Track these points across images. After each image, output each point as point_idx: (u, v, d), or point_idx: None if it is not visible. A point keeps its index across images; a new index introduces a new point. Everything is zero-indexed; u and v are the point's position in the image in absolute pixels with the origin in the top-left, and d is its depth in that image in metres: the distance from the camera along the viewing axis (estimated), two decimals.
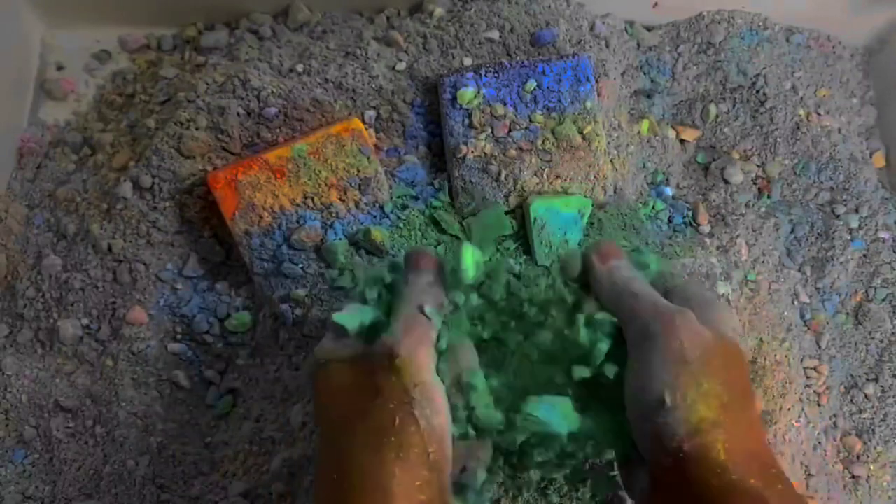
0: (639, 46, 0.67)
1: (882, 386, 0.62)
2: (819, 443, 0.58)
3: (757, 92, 0.66)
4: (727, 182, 0.64)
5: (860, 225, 0.65)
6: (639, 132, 0.64)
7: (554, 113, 0.56)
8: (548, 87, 0.56)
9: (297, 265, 0.54)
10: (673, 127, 0.66)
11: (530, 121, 0.56)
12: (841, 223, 0.65)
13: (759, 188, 0.65)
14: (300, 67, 0.58)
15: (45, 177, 0.62)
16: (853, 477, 0.59)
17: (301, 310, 0.54)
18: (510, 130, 0.56)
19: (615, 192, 0.58)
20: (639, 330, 0.38)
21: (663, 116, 0.66)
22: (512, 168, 0.56)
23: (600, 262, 0.41)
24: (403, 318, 0.39)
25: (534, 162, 0.56)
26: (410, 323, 0.38)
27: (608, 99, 0.60)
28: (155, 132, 0.58)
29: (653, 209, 0.62)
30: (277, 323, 0.56)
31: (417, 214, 0.56)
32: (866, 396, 0.62)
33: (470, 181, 0.56)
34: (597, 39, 0.62)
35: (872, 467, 0.60)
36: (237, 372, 0.57)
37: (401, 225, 0.56)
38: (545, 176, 0.56)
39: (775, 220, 0.64)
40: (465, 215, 0.57)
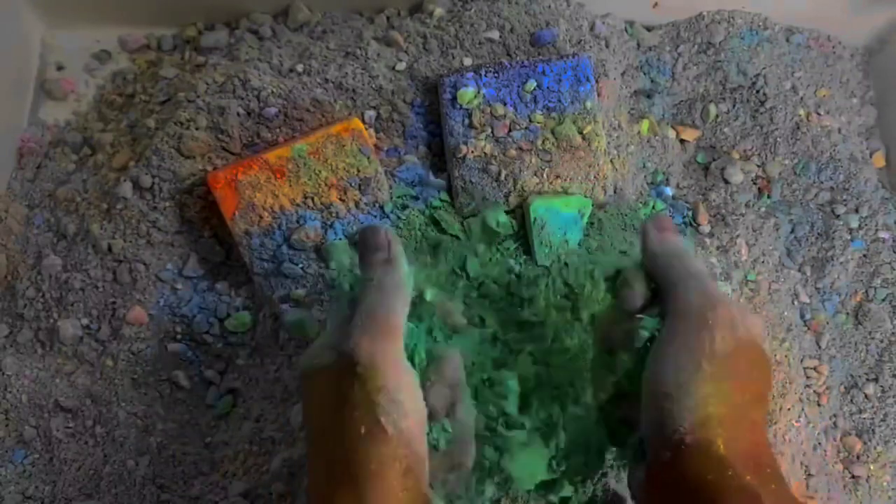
0: (639, 46, 0.67)
1: (882, 386, 0.62)
2: (819, 443, 0.58)
3: (757, 92, 0.66)
4: (727, 182, 0.64)
5: (860, 225, 0.65)
6: (639, 132, 0.64)
7: (554, 113, 0.56)
8: (548, 87, 0.56)
9: (297, 265, 0.54)
10: (673, 127, 0.66)
11: (530, 121, 0.56)
12: (841, 223, 0.65)
13: (759, 188, 0.65)
14: (300, 67, 0.58)
15: (45, 177, 0.62)
16: (853, 477, 0.59)
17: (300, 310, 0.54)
18: (510, 130, 0.56)
19: (615, 192, 0.58)
20: (681, 307, 0.37)
21: (663, 116, 0.66)
22: (512, 168, 0.56)
23: (658, 232, 0.42)
24: (358, 314, 0.38)
25: (534, 162, 0.56)
26: (364, 316, 0.37)
27: (608, 99, 0.60)
28: (155, 132, 0.58)
29: (653, 209, 0.62)
30: (277, 323, 0.56)
31: (417, 214, 0.56)
32: (866, 396, 0.62)
33: (470, 181, 0.56)
34: (597, 39, 0.62)
35: (872, 467, 0.60)
36: (237, 372, 0.57)
37: (401, 225, 0.56)
38: (545, 176, 0.56)
39: (775, 220, 0.64)
40: (466, 215, 0.57)
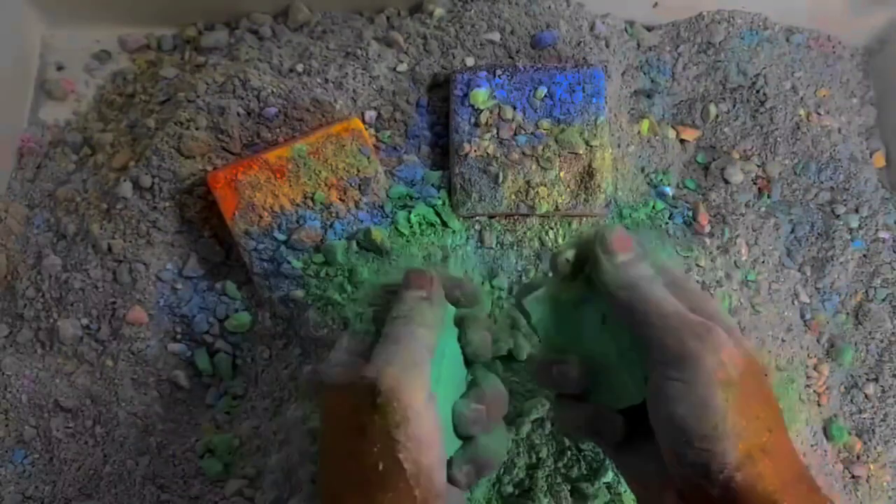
0: (639, 46, 0.67)
1: (882, 386, 0.62)
2: (819, 443, 0.58)
3: (757, 92, 0.66)
4: (727, 182, 0.64)
5: (860, 225, 0.65)
6: (639, 132, 0.64)
7: (562, 123, 0.56)
8: (560, 98, 0.56)
9: (297, 265, 0.54)
10: (673, 127, 0.66)
11: (537, 127, 0.56)
12: (841, 223, 0.65)
13: (759, 188, 0.65)
14: (300, 67, 0.58)
15: (45, 177, 0.62)
16: (853, 477, 0.59)
17: (300, 310, 0.54)
18: (515, 134, 0.56)
19: (615, 202, 0.58)
20: (667, 347, 0.33)
21: (663, 116, 0.66)
22: (512, 171, 0.55)
23: (607, 257, 0.36)
24: (384, 342, 0.36)
25: (534, 168, 0.56)
26: (391, 345, 0.35)
27: (609, 99, 0.60)
28: (155, 132, 0.58)
29: (653, 209, 0.62)
30: (277, 323, 0.56)
31: (417, 214, 0.56)
32: (866, 396, 0.62)
33: (469, 180, 0.56)
34: (597, 40, 0.62)
35: (872, 467, 0.60)
36: (236, 372, 0.57)
37: (401, 224, 0.56)
38: (544, 183, 0.55)
39: (775, 220, 0.64)
40: (463, 213, 0.57)
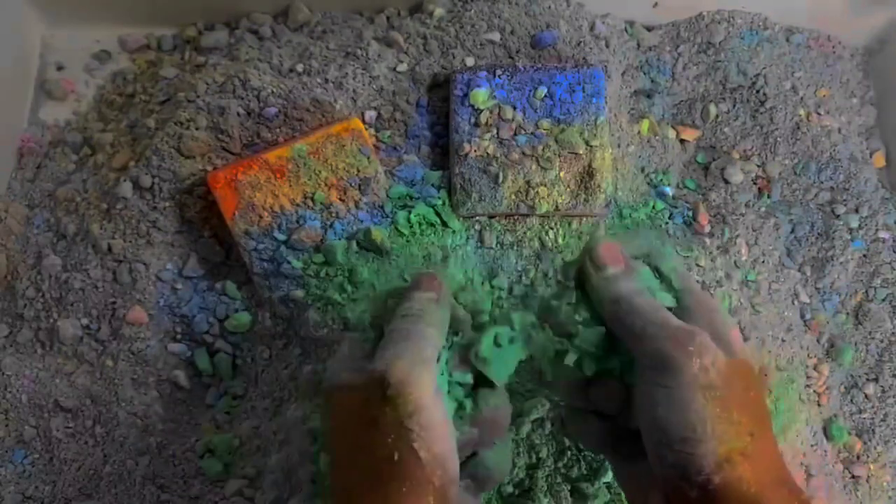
0: (639, 46, 0.67)
1: (882, 386, 0.62)
2: (819, 443, 0.58)
3: (757, 92, 0.66)
4: (727, 182, 0.64)
5: (860, 225, 0.65)
6: (639, 132, 0.64)
7: (562, 123, 0.56)
8: (560, 98, 0.56)
9: (297, 265, 0.54)
10: (673, 127, 0.66)
11: (537, 127, 0.56)
12: (841, 223, 0.65)
13: (759, 188, 0.65)
14: (300, 67, 0.58)
15: (45, 177, 0.62)
16: (853, 477, 0.59)
17: (300, 310, 0.54)
18: (515, 134, 0.56)
19: (615, 202, 0.58)
20: (651, 354, 0.35)
21: (663, 116, 0.66)
22: (512, 171, 0.55)
23: (595, 271, 0.38)
24: (392, 338, 0.36)
25: (534, 168, 0.56)
26: (400, 341, 0.36)
27: (609, 100, 0.60)
28: (155, 132, 0.58)
29: (653, 209, 0.62)
30: (277, 323, 0.56)
31: (417, 214, 0.56)
32: (866, 396, 0.61)
33: (469, 180, 0.56)
34: (597, 40, 0.62)
35: (872, 467, 0.60)
36: (236, 372, 0.57)
37: (401, 224, 0.56)
38: (544, 183, 0.55)
39: (775, 220, 0.64)
40: (463, 213, 0.57)
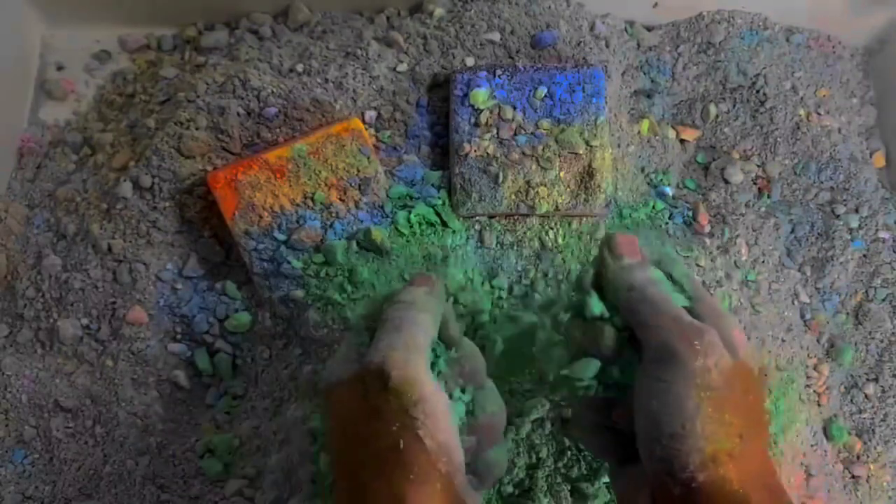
0: (639, 46, 0.67)
1: (882, 386, 0.62)
2: (819, 443, 0.58)
3: (757, 92, 0.66)
4: (727, 182, 0.64)
5: (860, 225, 0.65)
6: (639, 132, 0.64)
7: (562, 123, 0.56)
8: (560, 98, 0.56)
9: (297, 265, 0.54)
10: (673, 127, 0.66)
11: (537, 127, 0.56)
12: (841, 223, 0.65)
13: (759, 188, 0.65)
14: (300, 67, 0.58)
15: (45, 177, 0.62)
16: (853, 477, 0.59)
17: (300, 310, 0.54)
18: (515, 134, 0.56)
19: (615, 202, 0.58)
20: (658, 346, 0.35)
21: (663, 116, 0.66)
22: (512, 171, 0.55)
23: (613, 260, 0.38)
24: (385, 328, 0.37)
25: (534, 168, 0.56)
26: (393, 332, 0.36)
27: (609, 100, 0.60)
28: (155, 132, 0.58)
29: (653, 209, 0.62)
30: (277, 323, 0.56)
31: (417, 214, 0.56)
32: (866, 396, 0.62)
33: (469, 179, 0.56)
34: (597, 40, 0.62)
35: (872, 467, 0.60)
36: (236, 372, 0.57)
37: (401, 224, 0.55)
38: (544, 183, 0.55)
39: (775, 220, 0.64)
40: (463, 213, 0.57)
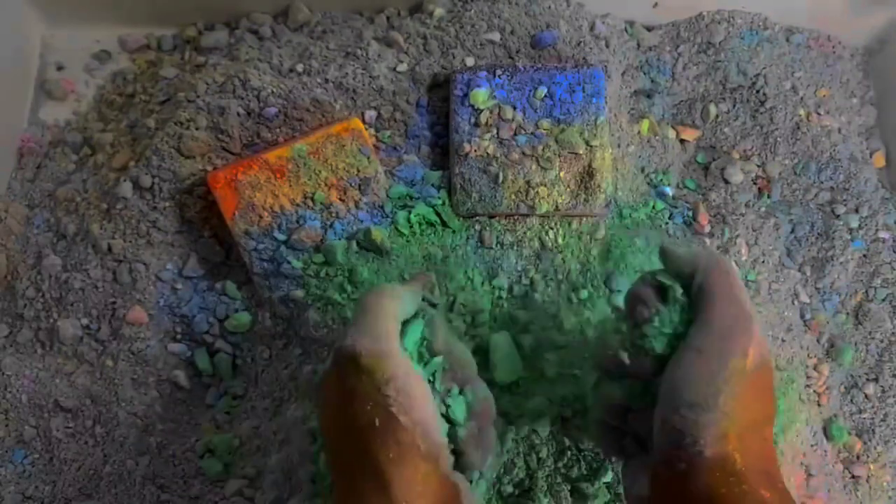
0: (639, 46, 0.67)
1: (882, 386, 0.62)
2: (819, 443, 0.58)
3: (757, 92, 0.66)
4: (727, 182, 0.64)
5: (860, 225, 0.65)
6: (639, 132, 0.64)
7: (562, 123, 0.56)
8: (560, 98, 0.56)
9: (297, 265, 0.54)
10: (673, 127, 0.66)
11: (537, 127, 0.56)
12: (841, 223, 0.65)
13: (759, 188, 0.65)
14: (300, 67, 0.58)
15: (45, 177, 0.63)
16: (853, 477, 0.59)
17: (300, 310, 0.54)
18: (515, 134, 0.56)
19: (615, 202, 0.58)
20: (718, 319, 0.36)
21: (663, 116, 0.66)
22: (512, 171, 0.55)
23: (676, 247, 0.41)
24: (356, 314, 0.38)
25: (534, 168, 0.56)
26: (362, 316, 0.37)
27: (609, 100, 0.60)
28: (155, 132, 0.58)
29: (653, 209, 0.61)
30: (277, 323, 0.56)
31: (417, 214, 0.56)
32: (866, 396, 0.61)
33: (469, 179, 0.56)
34: (597, 40, 0.62)
35: (872, 467, 0.60)
36: (236, 372, 0.57)
37: (401, 224, 0.55)
38: (544, 183, 0.55)
39: (775, 220, 0.64)
40: (463, 213, 0.57)
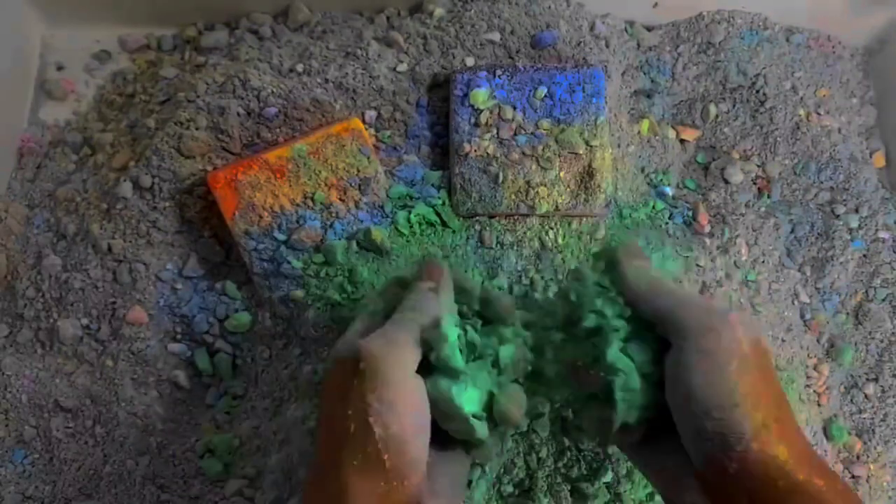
0: (639, 46, 0.67)
1: (882, 386, 0.62)
2: (819, 443, 0.58)
3: (757, 92, 0.66)
4: (727, 182, 0.64)
5: (860, 225, 0.65)
6: (639, 132, 0.64)
7: (562, 123, 0.56)
8: (560, 98, 0.56)
9: (297, 265, 0.54)
10: (673, 127, 0.66)
11: (537, 127, 0.56)
12: (841, 223, 0.65)
13: (759, 188, 0.65)
14: (300, 67, 0.58)
15: (45, 177, 0.63)
16: (853, 477, 0.59)
17: (300, 310, 0.54)
18: (515, 134, 0.56)
19: (615, 202, 0.58)
20: (693, 322, 0.36)
21: (663, 116, 0.66)
22: (512, 171, 0.55)
23: (628, 261, 0.41)
24: (391, 320, 0.39)
25: (534, 168, 0.56)
26: (393, 323, 0.38)
27: (609, 99, 0.60)
28: (155, 132, 0.58)
29: (653, 209, 0.61)
30: (277, 323, 0.56)
31: (417, 214, 0.56)
32: (866, 396, 0.62)
33: (469, 180, 0.56)
34: (597, 40, 0.62)
35: (872, 467, 0.60)
36: (236, 372, 0.57)
37: (401, 224, 0.56)
38: (544, 183, 0.55)
39: (775, 220, 0.64)
40: (463, 213, 0.57)
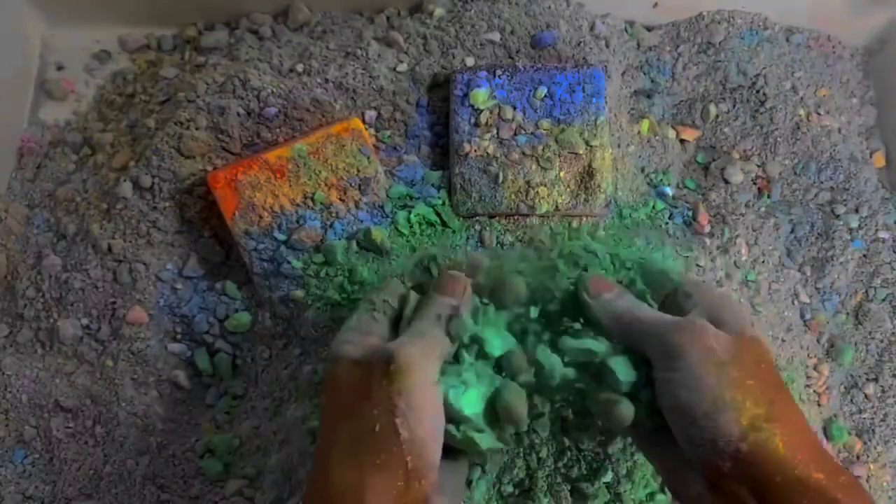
0: (639, 46, 0.67)
1: (882, 386, 0.62)
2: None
3: (757, 92, 0.66)
4: (727, 182, 0.64)
5: (860, 225, 0.65)
6: (639, 132, 0.64)
7: (562, 123, 0.56)
8: (560, 98, 0.56)
9: (297, 265, 0.54)
10: (673, 127, 0.66)
11: (537, 127, 0.56)
12: (841, 223, 0.65)
13: (759, 188, 0.65)
14: (300, 67, 0.58)
15: (45, 177, 0.63)
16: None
17: (300, 310, 0.54)
18: (515, 134, 0.56)
19: (615, 202, 0.58)
20: (660, 347, 0.38)
21: (663, 116, 0.66)
22: (512, 171, 0.55)
23: (592, 298, 0.42)
24: (410, 332, 0.39)
25: (534, 168, 0.56)
26: (416, 336, 0.39)
27: (609, 99, 0.60)
28: (155, 132, 0.58)
29: (653, 209, 0.61)
30: (277, 323, 0.56)
31: (417, 214, 0.56)
32: (866, 396, 0.62)
33: (469, 180, 0.56)
34: (597, 40, 0.62)
35: (872, 467, 0.60)
36: (236, 372, 0.57)
37: (401, 224, 0.56)
38: (544, 183, 0.55)
39: (775, 220, 0.64)
40: (463, 213, 0.57)
